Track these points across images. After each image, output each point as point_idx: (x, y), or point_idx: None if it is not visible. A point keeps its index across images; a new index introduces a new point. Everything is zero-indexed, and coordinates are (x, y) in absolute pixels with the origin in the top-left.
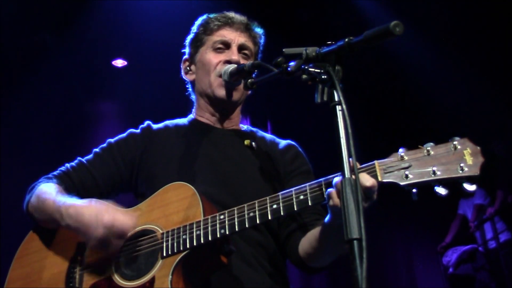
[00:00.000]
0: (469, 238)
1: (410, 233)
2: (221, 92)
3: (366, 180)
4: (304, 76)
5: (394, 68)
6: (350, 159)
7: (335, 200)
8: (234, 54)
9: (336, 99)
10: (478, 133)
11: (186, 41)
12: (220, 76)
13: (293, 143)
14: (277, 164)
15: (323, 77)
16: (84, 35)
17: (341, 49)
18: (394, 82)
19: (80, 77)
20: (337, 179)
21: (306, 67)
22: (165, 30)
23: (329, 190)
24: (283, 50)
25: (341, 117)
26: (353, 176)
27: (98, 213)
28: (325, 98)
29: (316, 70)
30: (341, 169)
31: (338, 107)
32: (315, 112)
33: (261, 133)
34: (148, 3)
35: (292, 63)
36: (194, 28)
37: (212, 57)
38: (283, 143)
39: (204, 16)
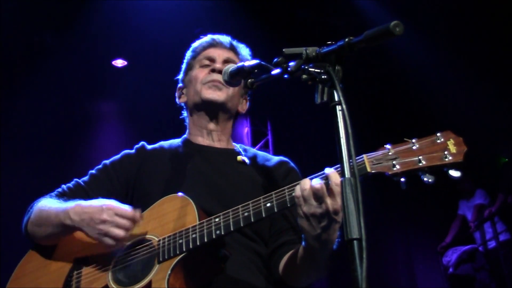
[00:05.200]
0: (469, 238)
1: (410, 233)
2: (207, 93)
3: (314, 181)
4: (304, 76)
5: (394, 68)
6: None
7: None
8: (218, 63)
9: (336, 99)
10: (478, 132)
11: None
12: (205, 82)
13: (285, 159)
14: (270, 179)
15: (323, 77)
16: (84, 35)
17: (341, 49)
18: (394, 82)
19: (80, 77)
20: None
21: (306, 67)
22: (165, 30)
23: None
24: (283, 50)
25: (341, 117)
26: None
27: (103, 202)
28: (325, 98)
29: (316, 70)
30: (341, 169)
31: (338, 107)
32: (315, 112)
33: (253, 150)
34: (148, 3)
35: (292, 63)
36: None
37: (198, 72)
38: (275, 159)
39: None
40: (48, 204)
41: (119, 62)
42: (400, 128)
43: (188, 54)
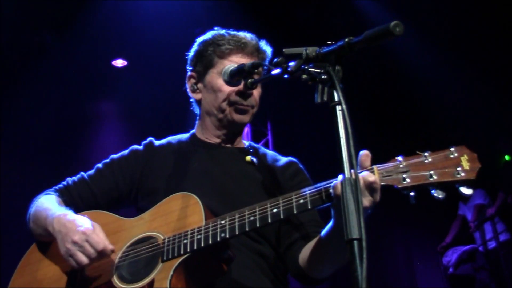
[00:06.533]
0: (469, 238)
1: (410, 233)
2: (235, 117)
3: (369, 175)
4: (304, 76)
5: (395, 68)
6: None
7: (339, 190)
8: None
9: (336, 99)
10: (479, 133)
11: (190, 55)
12: (232, 104)
13: (294, 159)
14: (277, 180)
15: (323, 77)
16: (84, 35)
17: (341, 49)
18: (395, 82)
19: (80, 77)
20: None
21: (306, 67)
22: (165, 30)
23: (334, 182)
24: (283, 50)
25: (341, 117)
26: (353, 175)
27: (85, 224)
28: (325, 98)
29: (316, 70)
30: (341, 169)
31: (338, 107)
32: (315, 112)
33: (263, 149)
34: (148, 3)
35: (292, 63)
36: (201, 43)
37: (224, 85)
38: (284, 160)
39: (214, 32)
40: (46, 204)
41: (119, 62)
42: (399, 127)
43: (209, 43)
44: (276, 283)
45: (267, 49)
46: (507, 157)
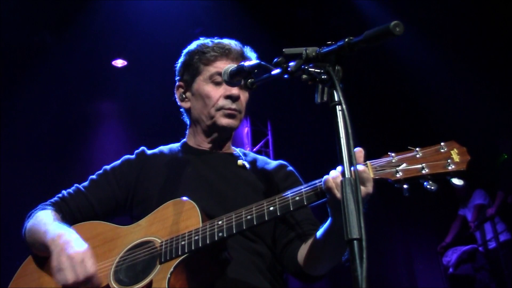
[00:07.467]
0: (469, 238)
1: (410, 233)
2: (224, 122)
3: (358, 165)
4: (304, 76)
5: (394, 68)
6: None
7: (330, 183)
8: (234, 88)
9: (336, 99)
10: (478, 132)
11: (177, 65)
12: (220, 109)
13: (284, 162)
14: (271, 182)
15: (323, 77)
16: (84, 35)
17: (341, 49)
18: (395, 82)
19: (80, 77)
20: (332, 172)
21: (306, 67)
22: (165, 30)
23: (325, 177)
24: (283, 50)
25: (341, 117)
26: (353, 175)
27: (84, 245)
28: (325, 98)
29: (316, 70)
30: (341, 169)
31: (338, 107)
32: (315, 112)
33: (252, 154)
34: (148, 3)
35: (292, 63)
36: (186, 53)
37: (212, 90)
38: (274, 163)
39: (199, 41)
40: (44, 219)
41: (119, 62)
42: (399, 126)
43: (194, 52)
44: (273, 282)
45: (252, 55)
46: (506, 156)
